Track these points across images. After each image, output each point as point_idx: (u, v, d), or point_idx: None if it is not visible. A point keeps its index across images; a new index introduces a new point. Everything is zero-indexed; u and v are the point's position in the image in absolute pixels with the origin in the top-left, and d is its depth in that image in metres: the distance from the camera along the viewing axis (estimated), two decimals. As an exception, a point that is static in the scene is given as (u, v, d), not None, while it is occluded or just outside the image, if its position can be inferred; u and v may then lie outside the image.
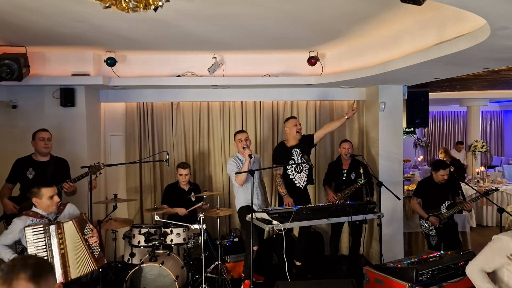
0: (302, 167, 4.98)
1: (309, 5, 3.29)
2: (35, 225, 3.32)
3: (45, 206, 3.42)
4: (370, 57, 4.66)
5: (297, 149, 4.98)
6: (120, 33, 4.12)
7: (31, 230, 3.28)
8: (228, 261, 5.21)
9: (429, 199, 5.05)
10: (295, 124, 4.99)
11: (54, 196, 3.43)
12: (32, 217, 3.41)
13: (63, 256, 3.29)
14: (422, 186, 5.26)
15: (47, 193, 3.41)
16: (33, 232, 3.28)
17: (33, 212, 3.44)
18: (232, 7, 3.29)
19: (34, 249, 3.25)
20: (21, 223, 3.37)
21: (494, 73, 5.88)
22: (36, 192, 3.42)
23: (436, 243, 4.99)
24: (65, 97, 5.08)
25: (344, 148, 5.26)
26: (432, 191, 5.03)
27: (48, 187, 3.44)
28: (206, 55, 5.15)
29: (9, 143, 5.02)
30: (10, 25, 3.71)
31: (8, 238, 3.38)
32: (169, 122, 5.93)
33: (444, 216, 4.91)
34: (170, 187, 5.31)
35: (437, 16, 3.53)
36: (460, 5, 2.18)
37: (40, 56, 4.83)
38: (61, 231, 3.32)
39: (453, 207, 4.93)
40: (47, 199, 3.40)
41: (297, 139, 4.99)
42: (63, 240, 3.31)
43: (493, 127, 14.30)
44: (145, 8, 2.36)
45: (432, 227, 4.96)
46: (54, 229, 3.31)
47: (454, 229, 5.08)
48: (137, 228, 4.58)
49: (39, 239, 3.28)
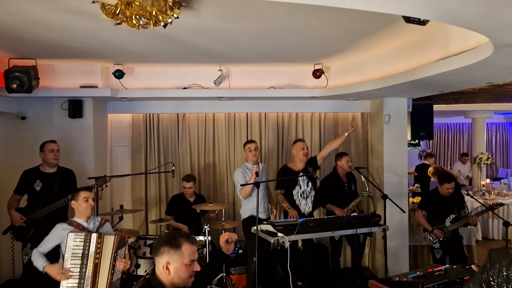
0: (309, 193, 4.91)
1: (315, 21, 3.34)
2: (78, 232, 3.39)
3: (82, 210, 3.49)
4: (375, 70, 4.70)
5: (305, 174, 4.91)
6: (129, 47, 4.20)
7: (73, 236, 3.34)
8: (233, 273, 5.21)
9: (434, 212, 5.04)
10: (302, 147, 4.93)
11: (89, 199, 3.51)
12: (74, 227, 3.47)
13: (96, 266, 3.30)
14: (427, 199, 5.25)
15: (84, 194, 3.50)
16: (75, 239, 3.33)
17: (76, 222, 3.51)
18: (238, 23, 3.35)
19: (70, 255, 3.30)
20: (62, 228, 3.46)
21: (498, 87, 5.90)
22: (75, 194, 3.53)
23: (441, 256, 4.97)
24: (73, 109, 5.15)
25: (346, 162, 5.20)
26: (437, 204, 5.02)
27: (86, 190, 3.56)
28: (212, 67, 5.21)
29: (18, 154, 5.08)
30: (22, 39, 3.80)
31: (48, 245, 3.47)
32: (175, 134, 5.98)
33: (448, 229, 4.90)
34: (175, 197, 5.35)
35: (441, 32, 3.57)
36: (463, 25, 2.22)
37: (49, 69, 4.92)
38: (101, 241, 3.34)
39: (458, 221, 4.92)
40: (83, 201, 3.48)
41: (303, 162, 4.94)
42: (100, 250, 3.32)
43: (498, 139, 14.24)
44: (155, 25, 2.43)
45: (436, 240, 4.95)
46: (95, 238, 3.34)
47: (458, 242, 5.06)
48: (143, 239, 4.61)
49: (78, 246, 3.32)
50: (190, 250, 2.16)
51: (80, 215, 3.53)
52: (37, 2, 2.82)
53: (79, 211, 3.52)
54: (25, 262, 4.30)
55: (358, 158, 6.13)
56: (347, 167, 5.20)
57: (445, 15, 2.05)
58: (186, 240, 2.17)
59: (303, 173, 4.89)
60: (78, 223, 3.51)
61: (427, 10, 1.99)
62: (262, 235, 4.15)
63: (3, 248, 4.95)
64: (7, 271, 5.06)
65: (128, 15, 2.31)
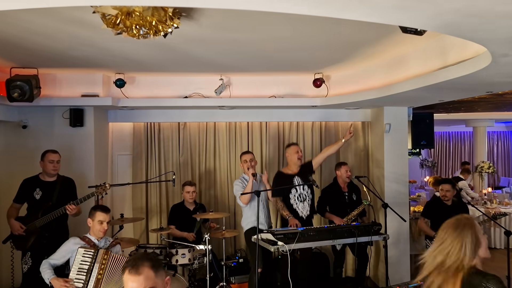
0: (306, 196, 4.89)
1: (315, 31, 3.37)
2: (88, 248, 3.42)
3: (95, 230, 3.54)
4: (375, 79, 4.72)
5: (298, 177, 4.90)
6: (129, 56, 4.22)
7: (83, 251, 3.38)
8: (233, 282, 5.19)
9: (437, 220, 5.00)
10: (297, 151, 4.93)
11: (104, 222, 3.53)
12: (86, 243, 3.51)
13: (98, 281, 3.30)
14: (429, 207, 5.22)
15: (99, 216, 3.53)
16: (84, 254, 3.37)
17: (88, 239, 3.55)
18: (239, 33, 3.37)
19: (77, 269, 3.32)
20: (75, 242, 3.50)
21: (498, 96, 5.91)
22: (91, 212, 3.58)
23: None
24: (75, 118, 5.17)
25: (346, 171, 5.19)
26: (440, 212, 4.99)
27: (103, 212, 3.57)
28: (213, 76, 5.24)
29: (19, 163, 5.09)
30: (23, 48, 3.83)
31: (60, 257, 3.51)
32: (175, 142, 5.99)
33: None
34: (175, 207, 5.33)
35: (440, 42, 3.59)
36: (459, 35, 2.23)
37: (51, 78, 4.95)
38: (107, 257, 3.36)
39: None
40: (97, 223, 3.52)
41: (298, 166, 4.93)
42: (104, 266, 3.33)
43: (500, 147, 14.22)
44: (155, 35, 2.45)
45: None
46: (102, 254, 3.38)
47: None
48: (143, 248, 4.59)
49: (85, 262, 3.35)
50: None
51: (93, 234, 3.58)
52: (38, 12, 2.84)
53: (93, 231, 3.57)
54: (24, 271, 4.29)
55: (358, 167, 6.13)
56: (346, 176, 5.19)
57: (441, 25, 2.07)
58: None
59: (304, 182, 4.86)
60: (90, 240, 3.56)
61: (423, 20, 2.00)
62: (263, 244, 4.14)
63: (3, 257, 4.94)
64: (7, 280, 5.04)
65: (128, 25, 2.33)
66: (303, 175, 4.91)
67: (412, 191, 9.86)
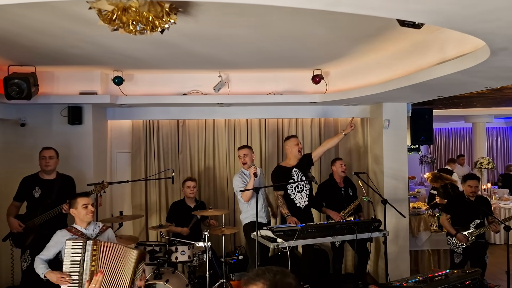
0: (303, 186, 4.90)
1: (314, 26, 3.36)
2: (76, 239, 3.38)
3: (82, 216, 3.47)
4: (374, 75, 4.71)
5: (297, 169, 4.92)
6: (127, 53, 4.21)
7: (71, 243, 3.33)
8: (233, 279, 5.19)
9: (459, 216, 4.93)
10: (297, 143, 4.94)
11: (88, 205, 3.48)
12: (73, 234, 3.46)
13: (92, 273, 3.25)
14: (452, 203, 5.15)
15: (82, 201, 3.47)
16: (73, 246, 3.32)
17: (75, 229, 3.50)
18: (237, 28, 3.36)
19: (70, 262, 3.29)
20: (62, 235, 3.46)
21: (497, 91, 5.90)
22: (73, 202, 3.51)
23: (460, 261, 4.86)
24: (73, 115, 5.16)
25: (341, 166, 5.20)
26: (462, 208, 4.90)
27: (84, 196, 3.54)
28: (212, 73, 5.23)
29: (17, 161, 5.09)
30: (20, 46, 3.81)
31: (50, 252, 3.46)
32: (174, 140, 5.99)
33: (472, 235, 4.79)
34: (176, 204, 5.33)
35: (439, 36, 3.58)
36: (457, 29, 2.22)
37: (49, 75, 4.94)
38: (97, 248, 3.30)
39: (483, 226, 4.81)
40: (82, 208, 3.45)
41: (297, 158, 4.93)
42: (96, 257, 3.28)
43: (499, 143, 14.21)
44: (152, 31, 2.44)
45: (460, 244, 4.85)
46: (91, 245, 3.31)
47: (482, 249, 4.89)
48: (142, 246, 4.58)
49: (76, 253, 3.30)
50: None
51: (80, 222, 3.50)
52: (35, 8, 2.83)
53: (79, 218, 3.50)
54: (24, 269, 4.29)
55: (358, 163, 6.13)
56: (341, 171, 5.20)
57: (439, 18, 2.05)
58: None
59: (303, 173, 4.88)
60: (77, 229, 3.49)
61: (420, 13, 1.99)
62: (262, 240, 4.14)
63: (2, 255, 4.94)
64: (7, 278, 5.04)
65: (124, 21, 2.32)
66: (301, 167, 4.92)
67: (411, 187, 9.85)
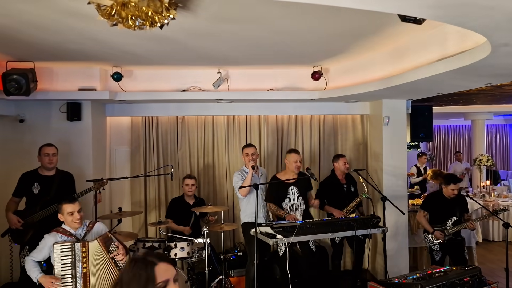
0: (298, 206, 4.81)
1: (313, 23, 3.34)
2: (64, 242, 3.32)
3: (69, 222, 3.40)
4: (374, 72, 4.70)
5: (294, 187, 4.82)
6: (127, 49, 4.19)
7: (59, 246, 3.28)
8: (232, 275, 5.19)
9: (436, 214, 5.00)
10: (296, 160, 4.78)
11: (74, 212, 3.37)
12: (61, 234, 3.40)
13: (85, 275, 3.26)
14: (430, 200, 5.19)
15: (67, 208, 3.38)
16: (61, 249, 3.27)
17: (63, 229, 3.43)
18: (236, 24, 3.35)
19: (60, 266, 3.25)
20: (51, 239, 3.37)
21: (497, 88, 5.89)
22: (59, 207, 3.43)
23: (440, 258, 4.93)
24: (72, 112, 5.15)
25: (343, 164, 5.19)
26: (439, 206, 4.97)
27: (69, 203, 3.41)
28: (211, 70, 5.21)
29: (16, 157, 5.07)
30: (19, 41, 3.80)
31: (40, 254, 3.37)
32: (174, 136, 5.98)
33: (449, 231, 4.87)
34: (175, 200, 5.33)
35: (440, 32, 3.57)
36: (459, 24, 2.21)
37: (47, 71, 4.92)
38: (86, 249, 3.29)
39: (459, 224, 4.89)
40: (68, 215, 3.37)
41: (294, 174, 4.82)
42: (86, 259, 3.28)
43: (498, 141, 14.23)
44: (151, 26, 2.42)
45: (437, 242, 4.92)
46: (79, 247, 3.29)
47: (459, 245, 4.99)
48: (141, 242, 4.59)
49: (65, 256, 3.27)
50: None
51: (68, 226, 3.43)
52: (33, 3, 2.82)
53: (67, 223, 3.42)
54: (23, 265, 4.28)
55: (357, 160, 6.12)
56: (344, 168, 5.19)
57: (441, 13, 2.04)
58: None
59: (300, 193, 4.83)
60: (65, 230, 3.42)
61: (422, 8, 1.98)
62: (261, 237, 4.13)
63: (1, 251, 4.93)
64: (5, 274, 5.04)
65: (124, 16, 2.30)
66: (299, 186, 4.83)
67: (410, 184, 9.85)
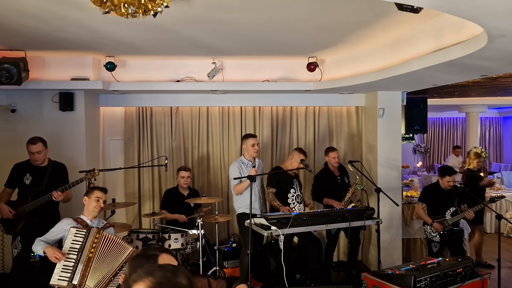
0: (302, 199, 4.94)
1: (309, 13, 3.31)
2: (81, 228, 3.43)
3: (91, 208, 3.58)
4: (369, 63, 4.67)
5: (296, 180, 4.95)
6: (120, 38, 4.13)
7: (75, 230, 3.40)
8: (226, 266, 5.20)
9: (434, 205, 5.00)
10: (299, 161, 4.81)
11: (100, 200, 3.59)
12: (79, 223, 3.53)
13: (88, 259, 3.30)
14: (427, 192, 5.20)
15: (97, 193, 3.59)
16: (76, 233, 3.38)
17: (81, 219, 3.58)
18: (232, 13, 3.30)
19: (69, 248, 3.33)
20: (68, 221, 3.55)
21: (492, 80, 5.89)
22: (90, 191, 3.64)
23: (438, 250, 4.94)
24: (64, 102, 5.08)
25: (333, 158, 5.21)
26: (437, 197, 4.98)
27: (101, 191, 3.65)
28: (206, 60, 5.16)
29: (8, 147, 5.01)
30: (10, 30, 3.72)
31: (51, 237, 3.53)
32: (168, 127, 5.93)
33: (448, 222, 4.88)
34: (169, 191, 5.31)
35: (436, 23, 3.55)
36: (457, 14, 2.19)
37: (39, 61, 4.84)
38: (99, 236, 3.36)
39: (458, 214, 4.90)
40: (94, 200, 3.57)
41: (294, 172, 4.96)
42: (96, 245, 3.33)
43: (492, 133, 14.30)
44: (144, 14, 2.38)
45: (436, 233, 4.94)
46: (94, 232, 3.39)
47: (458, 236, 5.03)
48: (135, 233, 4.56)
49: (77, 241, 3.36)
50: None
51: (87, 213, 3.61)
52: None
53: (88, 209, 3.60)
54: (15, 255, 4.25)
55: (352, 152, 6.12)
56: (334, 162, 5.23)
57: (439, 2, 2.02)
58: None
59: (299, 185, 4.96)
60: (82, 220, 3.58)
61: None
62: (256, 228, 4.12)
63: (-7, 242, 4.90)
64: (-2, 265, 5.01)
65: (116, 3, 2.26)
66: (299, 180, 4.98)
67: (404, 176, 9.90)
